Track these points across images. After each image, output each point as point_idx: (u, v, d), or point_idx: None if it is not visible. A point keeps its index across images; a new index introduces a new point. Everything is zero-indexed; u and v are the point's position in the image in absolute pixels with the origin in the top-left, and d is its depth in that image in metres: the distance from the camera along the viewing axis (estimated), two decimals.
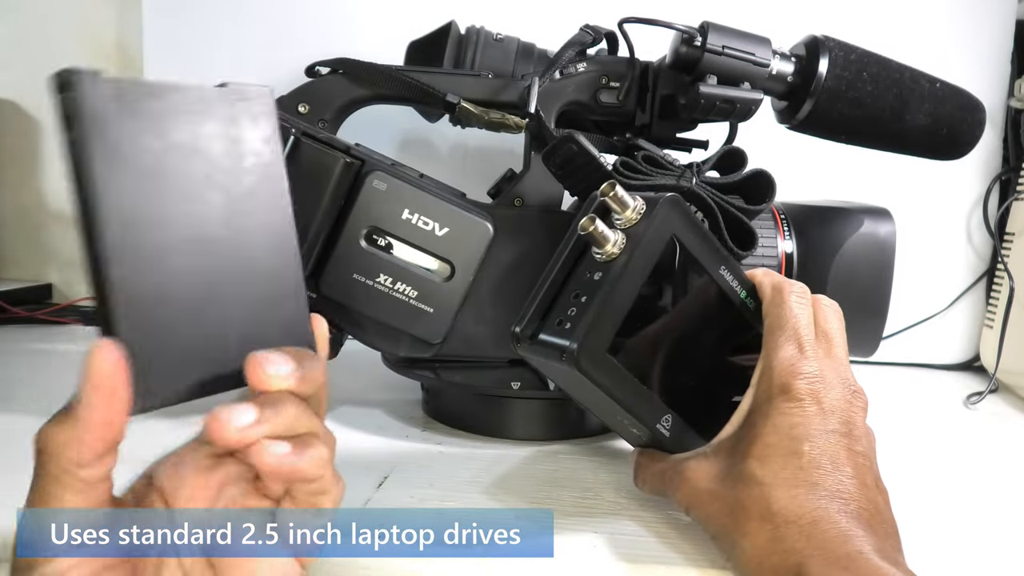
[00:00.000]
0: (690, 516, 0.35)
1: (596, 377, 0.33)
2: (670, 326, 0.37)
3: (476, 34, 0.54)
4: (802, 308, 0.36)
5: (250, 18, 0.78)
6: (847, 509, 0.30)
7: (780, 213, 0.53)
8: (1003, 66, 0.77)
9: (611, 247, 0.34)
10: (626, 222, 0.35)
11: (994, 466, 0.53)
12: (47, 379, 0.62)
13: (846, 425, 0.33)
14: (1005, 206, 0.76)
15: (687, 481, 0.35)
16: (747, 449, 0.33)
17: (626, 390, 0.34)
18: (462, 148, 0.79)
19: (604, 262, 0.34)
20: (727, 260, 0.38)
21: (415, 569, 0.34)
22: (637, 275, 0.34)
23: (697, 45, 0.47)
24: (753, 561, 0.30)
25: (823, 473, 0.31)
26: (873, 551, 0.29)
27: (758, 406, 0.35)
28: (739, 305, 0.39)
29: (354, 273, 0.46)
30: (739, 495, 0.32)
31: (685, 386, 0.37)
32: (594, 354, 0.33)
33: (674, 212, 0.35)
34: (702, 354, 0.39)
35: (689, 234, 0.36)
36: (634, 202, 0.35)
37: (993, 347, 0.71)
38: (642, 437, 0.38)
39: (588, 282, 0.34)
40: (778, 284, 0.37)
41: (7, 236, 0.90)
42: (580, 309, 0.33)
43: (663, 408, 0.36)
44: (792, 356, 0.34)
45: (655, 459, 0.38)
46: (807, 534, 0.30)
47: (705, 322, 0.38)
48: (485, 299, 0.48)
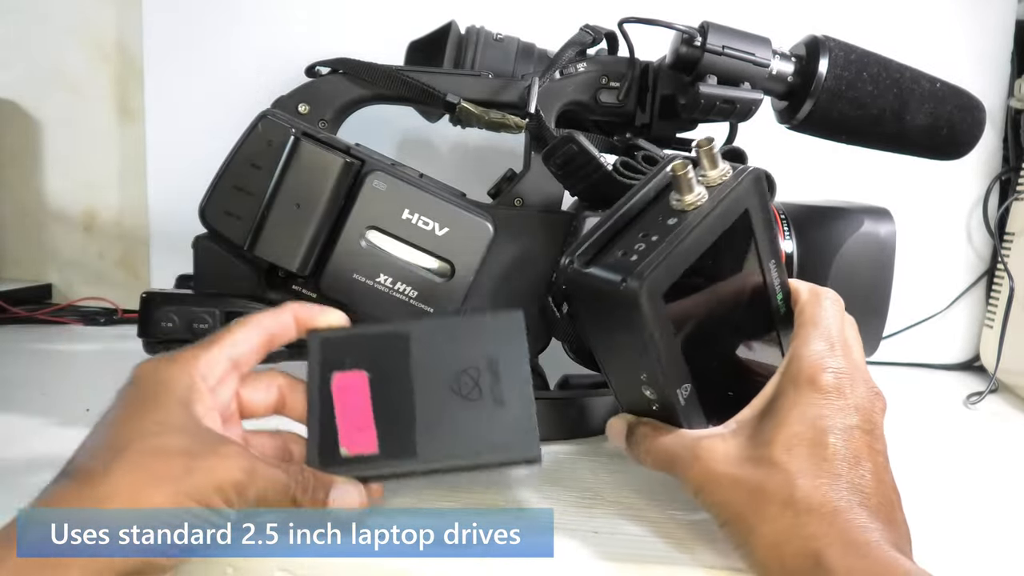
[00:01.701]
0: (699, 499, 0.35)
1: (648, 316, 0.32)
2: (708, 302, 0.36)
3: (476, 34, 0.54)
4: (835, 312, 0.37)
5: (250, 18, 0.78)
6: (867, 503, 0.31)
7: (780, 213, 0.53)
8: (1003, 66, 0.77)
9: (693, 196, 0.34)
10: (709, 181, 0.35)
11: (994, 466, 0.53)
12: (47, 379, 0.62)
13: (868, 423, 0.34)
14: (1005, 206, 0.76)
15: (701, 461, 0.34)
16: (772, 436, 0.33)
17: (666, 343, 0.34)
18: (462, 148, 0.79)
19: (681, 210, 0.34)
20: (779, 258, 0.38)
21: (415, 569, 0.34)
22: (711, 232, 0.34)
23: (697, 45, 0.47)
24: (771, 547, 0.31)
25: (846, 466, 0.32)
26: (890, 544, 0.29)
27: (783, 392, 0.35)
28: (774, 305, 0.39)
29: (354, 273, 0.46)
30: (761, 480, 0.32)
31: (704, 365, 0.37)
32: (654, 293, 0.32)
33: (757, 187, 0.36)
34: (725, 340, 0.39)
35: (759, 215, 0.36)
36: (723, 164, 0.35)
37: (993, 347, 0.71)
38: (648, 403, 0.37)
39: (661, 225, 0.34)
40: (816, 288, 0.39)
41: (7, 236, 0.90)
42: (650, 247, 0.33)
43: (687, 375, 0.36)
44: (822, 350, 0.35)
45: (660, 431, 0.37)
46: (828, 522, 0.30)
47: (739, 310, 0.38)
48: (485, 299, 0.48)
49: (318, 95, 0.51)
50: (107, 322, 0.83)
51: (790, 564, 0.30)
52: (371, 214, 0.45)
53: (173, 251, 0.78)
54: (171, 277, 0.58)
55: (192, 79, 0.79)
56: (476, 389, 0.36)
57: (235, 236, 0.46)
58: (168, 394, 0.32)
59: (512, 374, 0.36)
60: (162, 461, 0.29)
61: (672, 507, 0.40)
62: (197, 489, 0.28)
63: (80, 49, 0.86)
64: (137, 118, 0.85)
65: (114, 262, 0.89)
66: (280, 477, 0.31)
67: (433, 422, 0.35)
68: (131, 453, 0.29)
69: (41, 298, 0.88)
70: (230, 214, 0.46)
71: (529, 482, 0.43)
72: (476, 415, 0.35)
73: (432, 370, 0.37)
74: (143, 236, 0.84)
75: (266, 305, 0.47)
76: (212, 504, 0.29)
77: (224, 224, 0.46)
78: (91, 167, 0.87)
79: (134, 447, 0.29)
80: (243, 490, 0.30)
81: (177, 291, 0.52)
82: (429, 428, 0.35)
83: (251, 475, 0.30)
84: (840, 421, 0.33)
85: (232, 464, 0.30)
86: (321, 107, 0.50)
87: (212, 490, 0.29)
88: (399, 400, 0.36)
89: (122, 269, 0.89)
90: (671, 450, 0.36)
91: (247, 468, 0.30)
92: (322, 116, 0.51)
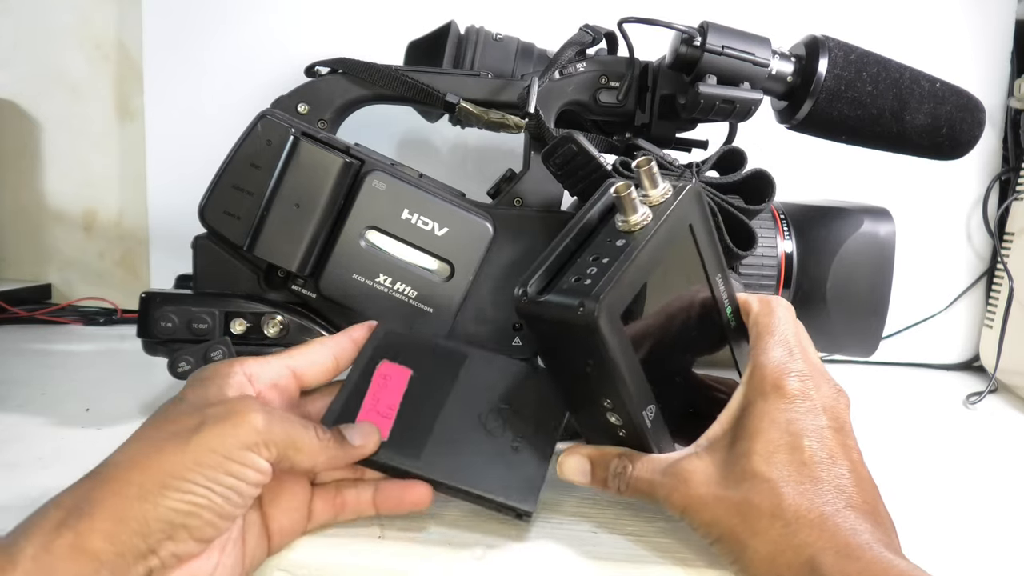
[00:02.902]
0: (686, 520, 0.34)
1: (609, 337, 0.32)
2: (663, 321, 0.36)
3: (476, 34, 0.54)
4: (789, 318, 0.38)
5: (250, 18, 0.78)
6: (852, 503, 0.31)
7: (780, 213, 0.53)
8: (1003, 66, 0.77)
9: (638, 217, 0.34)
10: (652, 201, 0.35)
11: (994, 466, 0.53)
12: (47, 379, 0.62)
13: (837, 421, 0.34)
14: (1005, 206, 0.76)
15: (681, 485, 0.34)
16: (749, 448, 0.33)
17: (628, 364, 0.34)
18: (462, 148, 0.79)
19: (628, 231, 0.34)
20: (725, 272, 0.38)
21: (415, 569, 0.34)
22: (659, 250, 0.34)
23: (697, 45, 0.47)
24: (765, 560, 0.31)
25: (825, 468, 0.32)
26: (880, 544, 0.29)
27: (751, 403, 0.35)
28: (724, 319, 0.39)
29: (354, 273, 0.46)
30: (746, 494, 0.32)
31: (664, 384, 0.37)
32: (612, 313, 0.32)
33: (697, 202, 0.36)
34: (681, 358, 0.39)
35: (703, 230, 0.37)
36: (663, 183, 0.35)
37: (993, 347, 0.71)
38: (614, 428, 0.36)
39: (610, 247, 0.34)
40: (766, 298, 0.39)
41: (7, 236, 0.90)
42: (602, 269, 0.33)
43: (651, 397, 0.36)
44: (782, 357, 0.35)
45: (635, 461, 0.36)
46: (818, 528, 0.30)
47: (692, 326, 0.38)
48: (485, 299, 0.48)
49: (318, 95, 0.51)
50: (107, 322, 0.83)
51: (786, 575, 0.30)
52: (371, 214, 0.45)
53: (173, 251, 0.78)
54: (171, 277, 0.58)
55: (192, 79, 0.79)
56: (501, 428, 0.37)
57: (234, 236, 0.46)
58: (204, 382, 0.34)
59: (542, 430, 0.38)
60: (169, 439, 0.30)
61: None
62: (206, 452, 0.29)
63: (80, 49, 0.86)
64: (137, 118, 0.85)
65: (114, 262, 0.89)
66: (297, 421, 0.33)
67: (448, 439, 0.37)
68: (140, 442, 0.30)
69: (41, 298, 0.88)
70: (229, 214, 0.46)
71: None
72: (489, 450, 0.37)
73: (471, 395, 0.38)
74: (143, 236, 0.84)
75: (266, 305, 0.48)
76: (234, 458, 0.30)
77: (223, 224, 0.46)
78: (91, 167, 0.87)
79: (146, 435, 0.31)
80: (267, 437, 0.31)
81: (177, 291, 0.52)
82: (442, 441, 0.36)
83: (268, 421, 0.31)
84: (811, 423, 0.33)
85: (246, 417, 0.30)
86: (321, 107, 0.51)
87: (233, 445, 0.30)
88: (428, 407, 0.37)
89: (122, 269, 0.89)
90: (648, 479, 0.35)
91: (264, 415, 0.31)
92: (321, 116, 0.51)
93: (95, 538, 0.27)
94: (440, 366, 0.39)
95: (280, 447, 0.31)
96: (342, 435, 0.34)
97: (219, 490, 0.29)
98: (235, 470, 0.29)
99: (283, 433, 0.31)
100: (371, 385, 0.38)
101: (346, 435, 0.34)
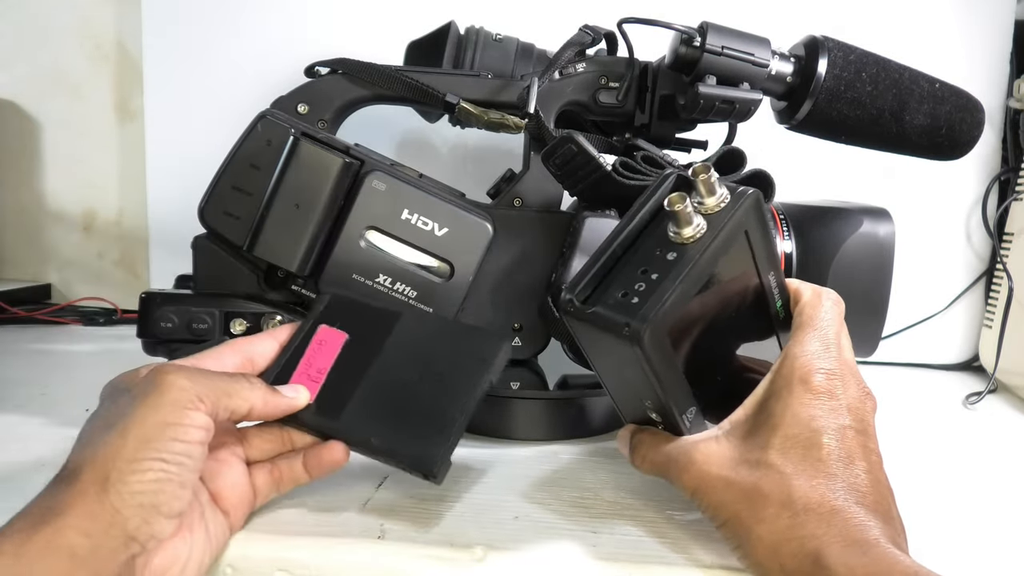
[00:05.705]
0: (695, 501, 0.35)
1: (653, 359, 0.32)
2: (708, 323, 0.36)
3: (475, 34, 0.54)
4: (835, 314, 0.37)
5: (250, 18, 0.78)
6: (863, 502, 0.31)
7: (779, 213, 0.53)
8: (1002, 66, 0.77)
9: (692, 229, 0.33)
10: (707, 209, 0.34)
11: (993, 466, 0.53)
12: (47, 379, 0.62)
13: (861, 423, 0.34)
14: (1004, 206, 0.76)
15: (696, 464, 0.34)
16: (767, 438, 0.33)
17: (671, 377, 0.34)
18: (462, 148, 0.79)
19: (680, 244, 0.33)
20: (778, 267, 0.38)
21: (415, 569, 0.34)
22: (712, 263, 0.33)
23: (696, 45, 0.47)
24: (769, 548, 0.31)
25: (841, 466, 0.32)
26: (888, 540, 0.29)
27: (775, 393, 0.35)
28: (773, 311, 0.39)
29: (353, 273, 0.46)
30: (757, 482, 0.32)
31: (706, 380, 0.37)
32: (658, 336, 0.32)
33: (755, 210, 0.35)
34: (725, 350, 0.39)
35: (758, 233, 0.35)
36: (721, 190, 0.34)
37: (992, 347, 0.71)
38: (655, 423, 0.37)
39: (660, 260, 0.33)
40: (819, 289, 0.39)
41: (7, 236, 0.90)
42: (651, 287, 0.32)
43: (692, 401, 0.36)
44: (816, 351, 0.35)
45: (658, 438, 0.37)
46: (826, 521, 0.30)
47: (739, 321, 0.38)
48: (485, 299, 0.48)
49: (317, 95, 0.51)
50: (106, 322, 0.83)
51: (789, 564, 0.30)
52: (370, 214, 0.45)
53: (172, 251, 0.78)
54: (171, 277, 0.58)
55: (192, 79, 0.79)
56: (424, 388, 0.38)
57: (234, 236, 0.46)
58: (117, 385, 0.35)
59: (465, 392, 0.37)
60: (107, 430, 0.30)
61: (670, 507, 0.40)
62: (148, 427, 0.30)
63: (80, 49, 0.86)
64: (137, 118, 0.85)
65: (114, 262, 0.89)
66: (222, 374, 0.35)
67: (371, 399, 0.37)
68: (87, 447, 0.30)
69: (40, 298, 0.88)
70: (229, 214, 0.46)
71: (529, 482, 0.43)
72: (412, 411, 0.37)
73: (401, 354, 0.39)
74: (142, 236, 0.84)
75: (265, 305, 0.48)
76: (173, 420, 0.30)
77: (223, 224, 0.46)
78: (91, 167, 0.87)
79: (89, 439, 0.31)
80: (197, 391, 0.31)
81: (176, 291, 0.52)
82: (364, 403, 0.37)
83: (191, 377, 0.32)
84: (833, 421, 0.33)
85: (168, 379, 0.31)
86: (320, 107, 0.51)
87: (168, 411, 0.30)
88: (356, 368, 0.38)
89: (121, 269, 0.89)
90: (666, 454, 0.36)
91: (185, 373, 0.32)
92: (321, 116, 0.51)
93: (70, 534, 0.27)
94: (374, 327, 0.40)
95: (212, 396, 0.32)
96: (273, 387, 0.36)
97: (171, 458, 0.30)
98: (179, 433, 0.30)
99: (210, 383, 0.32)
100: (307, 350, 0.39)
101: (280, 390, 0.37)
